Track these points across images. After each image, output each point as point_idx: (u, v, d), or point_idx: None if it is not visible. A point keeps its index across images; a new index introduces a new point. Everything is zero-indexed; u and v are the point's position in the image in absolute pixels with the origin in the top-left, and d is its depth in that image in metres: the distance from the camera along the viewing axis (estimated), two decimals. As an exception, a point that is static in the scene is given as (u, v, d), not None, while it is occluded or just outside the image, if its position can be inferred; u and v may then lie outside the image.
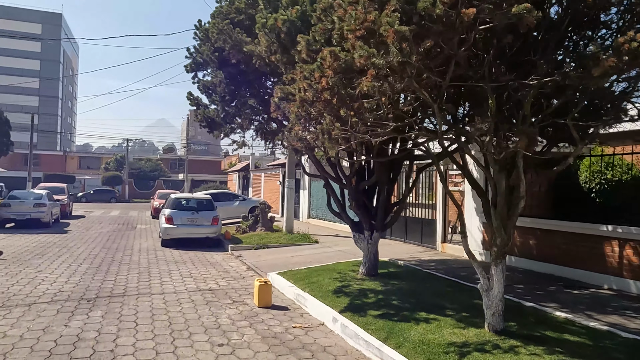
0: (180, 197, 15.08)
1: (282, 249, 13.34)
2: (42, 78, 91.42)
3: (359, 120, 4.06)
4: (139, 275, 9.51)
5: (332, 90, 4.07)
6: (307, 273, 8.96)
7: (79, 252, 12.48)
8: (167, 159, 64.81)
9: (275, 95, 5.36)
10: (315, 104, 4.28)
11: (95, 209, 34.18)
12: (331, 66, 3.85)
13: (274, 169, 26.76)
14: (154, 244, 14.53)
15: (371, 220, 8.11)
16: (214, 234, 14.31)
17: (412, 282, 7.93)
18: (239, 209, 20.95)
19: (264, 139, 10.37)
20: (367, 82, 3.49)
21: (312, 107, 4.34)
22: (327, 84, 3.99)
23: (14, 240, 14.49)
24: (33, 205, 18.71)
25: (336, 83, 4.02)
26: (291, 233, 15.62)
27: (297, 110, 4.55)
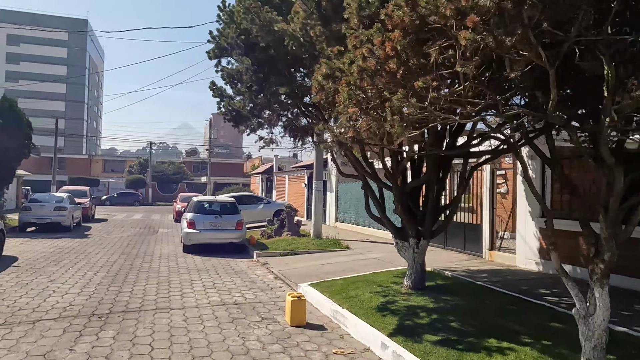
0: (202, 201, 14.30)
1: (311, 255, 12.39)
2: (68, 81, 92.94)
3: (440, 96, 3.10)
4: (157, 286, 8.68)
5: (399, 57, 3.12)
6: (344, 285, 7.97)
7: (97, 258, 11.77)
8: (189, 161, 64.78)
9: (318, 73, 4.42)
10: (377, 77, 3.33)
11: (118, 212, 33.95)
12: (400, 24, 2.91)
13: (299, 170, 25.87)
14: (176, 250, 13.77)
15: (417, 226, 7.08)
16: (239, 239, 13.46)
17: (467, 298, 6.85)
18: (263, 212, 20.12)
19: (292, 136, 9.46)
20: (464, 35, 2.52)
21: (374, 80, 3.37)
22: (394, 50, 3.05)
23: (32, 245, 13.94)
24: (54, 209, 18.26)
25: (405, 48, 3.08)
26: (319, 238, 14.66)
27: (351, 88, 3.58)
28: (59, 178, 48.28)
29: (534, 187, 4.51)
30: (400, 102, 3.15)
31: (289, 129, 9.19)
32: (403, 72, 3.20)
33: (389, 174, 6.43)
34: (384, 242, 14.50)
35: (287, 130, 9.20)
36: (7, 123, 18.59)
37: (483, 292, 7.25)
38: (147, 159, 55.48)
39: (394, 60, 3.17)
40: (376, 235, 15.79)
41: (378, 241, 14.71)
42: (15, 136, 18.80)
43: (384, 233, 15.40)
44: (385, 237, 15.30)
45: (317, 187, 15.20)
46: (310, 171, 23.80)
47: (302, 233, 15.67)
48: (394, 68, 3.20)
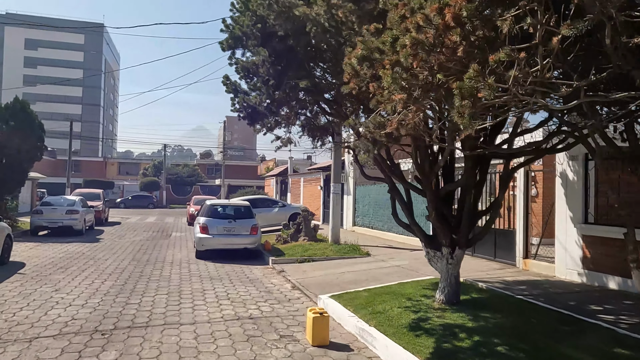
0: (216, 204, 13.74)
1: (330, 262, 11.72)
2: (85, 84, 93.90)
3: (525, 75, 2.43)
4: (167, 297, 8.09)
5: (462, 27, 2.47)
6: (369, 298, 7.29)
7: (106, 265, 11.26)
8: (204, 164, 64.63)
9: (351, 56, 3.74)
10: (434, 54, 2.67)
11: (132, 214, 33.70)
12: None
13: (314, 172, 25.23)
14: (188, 255, 13.22)
15: (452, 233, 6.37)
16: (253, 244, 12.85)
17: (510, 315, 6.12)
18: (279, 216, 19.51)
19: (311, 136, 8.81)
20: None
21: (430, 57, 2.72)
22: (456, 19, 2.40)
23: (42, 250, 13.52)
24: (65, 212, 17.90)
25: (471, 15, 2.42)
26: (338, 243, 13.99)
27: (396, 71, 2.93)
28: (75, 181, 48.46)
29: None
30: (474, 83, 2.48)
31: (307, 128, 8.54)
32: (465, 47, 2.55)
33: (422, 176, 5.74)
34: (405, 247, 13.77)
35: (306, 129, 8.55)
36: (20, 125, 18.32)
37: (526, 308, 6.50)
38: (162, 161, 55.43)
39: (457, 31, 2.52)
40: (397, 241, 15.06)
41: (399, 247, 13.98)
42: (27, 138, 18.52)
43: (406, 238, 14.67)
44: (407, 242, 14.56)
45: (335, 189, 14.53)
46: (327, 173, 23.15)
47: (319, 238, 15.02)
48: (457, 41, 2.54)
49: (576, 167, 8.42)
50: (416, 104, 3.10)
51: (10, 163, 18.28)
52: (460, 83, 2.58)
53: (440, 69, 2.81)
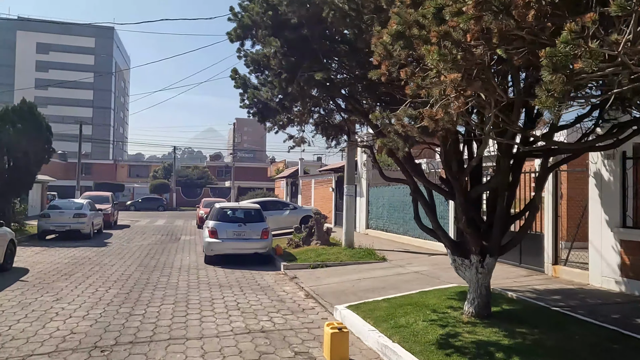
0: (225, 207, 13.26)
1: (344, 268, 11.17)
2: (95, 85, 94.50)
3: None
4: (174, 307, 7.61)
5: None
6: (389, 309, 6.73)
7: (112, 271, 10.84)
8: (214, 166, 64.45)
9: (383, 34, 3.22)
10: (504, 17, 2.13)
11: (142, 217, 33.46)
12: None
13: (326, 174, 24.70)
14: (197, 260, 12.76)
15: (482, 239, 5.80)
16: (264, 249, 12.36)
17: (549, 331, 5.52)
18: (290, 218, 19.01)
19: (325, 135, 8.29)
20: None
21: (494, 24, 2.18)
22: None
23: (47, 256, 13.15)
24: (73, 216, 17.58)
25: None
26: (352, 248, 13.44)
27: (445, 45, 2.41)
28: (86, 183, 48.49)
29: None
30: (570, 49, 1.91)
31: (321, 127, 8.02)
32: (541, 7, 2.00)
33: (452, 177, 5.19)
34: (423, 252, 13.17)
35: (319, 128, 8.03)
36: (28, 127, 18.04)
37: (566, 322, 5.90)
38: (172, 163, 55.31)
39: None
40: (414, 245, 14.47)
41: (416, 251, 13.39)
42: (35, 141, 18.24)
43: (423, 242, 14.08)
44: (424, 246, 13.97)
45: (348, 191, 13.99)
46: (339, 174, 22.62)
47: (333, 242, 14.48)
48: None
49: (612, 167, 7.80)
50: (472, 86, 2.57)
51: (18, 166, 18.01)
52: (551, 50, 2.03)
53: (501, 41, 2.27)
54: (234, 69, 6.22)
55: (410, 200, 15.20)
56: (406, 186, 15.57)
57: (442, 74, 2.58)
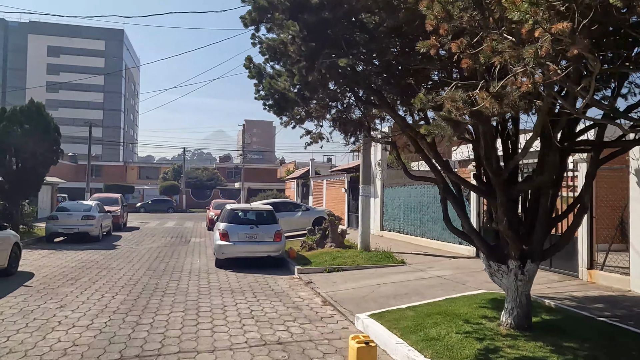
0: (236, 209, 12.79)
1: (362, 272, 10.64)
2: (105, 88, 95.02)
3: None
4: (184, 315, 7.13)
5: None
6: (416, 318, 6.19)
7: (120, 275, 10.40)
8: (223, 167, 64.24)
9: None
10: None
11: (151, 219, 33.18)
12: None
13: (338, 174, 24.16)
14: (207, 264, 12.30)
15: (522, 243, 5.23)
16: (277, 252, 11.85)
17: (602, 346, 4.94)
18: (302, 220, 18.51)
19: (343, 131, 7.76)
20: None
21: None
22: None
23: (54, 259, 12.77)
24: (81, 218, 17.24)
25: None
26: (368, 250, 12.89)
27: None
28: (96, 185, 48.46)
29: None
30: None
31: (339, 122, 7.50)
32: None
33: (493, 173, 4.63)
34: (443, 255, 12.59)
35: (337, 124, 7.51)
36: (35, 128, 17.75)
37: (617, 334, 5.31)
38: (181, 165, 55.15)
39: None
40: (432, 247, 13.88)
41: (436, 254, 12.80)
42: (43, 142, 17.94)
43: (442, 244, 13.50)
44: (444, 249, 13.38)
45: (364, 192, 13.44)
46: (351, 175, 22.08)
47: (347, 244, 13.95)
48: None
49: (656, 163, 7.18)
50: (578, 44, 2.04)
51: (25, 167, 17.72)
52: None
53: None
54: (248, 57, 5.70)
55: (428, 201, 14.71)
56: (424, 186, 15.03)
57: (540, 25, 2.04)
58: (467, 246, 12.32)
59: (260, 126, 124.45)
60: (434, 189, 14.28)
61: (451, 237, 13.14)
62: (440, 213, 13.66)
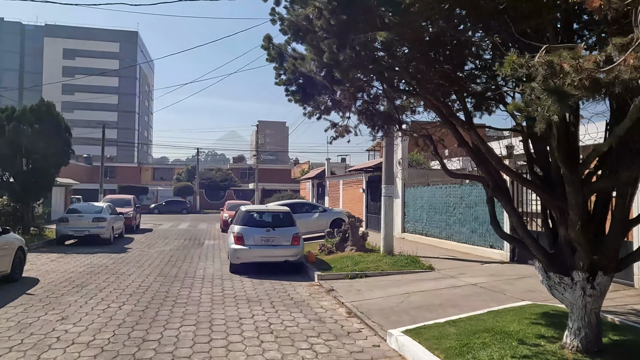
0: (252, 210, 12.07)
1: (387, 279, 9.85)
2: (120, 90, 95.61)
3: None
4: (195, 328, 6.42)
5: None
6: (460, 337, 5.38)
7: (129, 282, 9.77)
8: (237, 168, 63.85)
9: None
10: None
11: (165, 220, 32.75)
12: None
13: (355, 174, 23.35)
14: (221, 269, 11.62)
15: (594, 251, 4.40)
16: (295, 256, 11.12)
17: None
18: (319, 221, 17.76)
19: (370, 124, 6.99)
20: None
21: None
22: None
23: (62, 263, 12.21)
24: (92, 220, 16.72)
25: None
26: (391, 254, 12.09)
27: None
28: (110, 187, 48.37)
29: None
30: None
31: (365, 114, 6.73)
32: None
33: (567, 169, 3.82)
34: (472, 259, 11.71)
35: (364, 116, 6.74)
36: (45, 128, 17.28)
37: None
38: (195, 166, 54.84)
39: None
40: (459, 250, 13.01)
41: (464, 258, 11.94)
42: (53, 142, 17.49)
43: (470, 248, 12.63)
44: (472, 252, 12.50)
45: (387, 192, 12.64)
46: (369, 175, 21.26)
47: (369, 247, 13.16)
48: None
49: None
50: None
51: (36, 168, 17.28)
52: None
53: None
54: (267, 36, 4.94)
55: (454, 202, 13.83)
56: (450, 185, 14.16)
57: None
58: (500, 250, 11.45)
59: (274, 127, 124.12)
60: (460, 188, 13.42)
61: (481, 240, 12.27)
62: (468, 215, 12.87)
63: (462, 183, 13.24)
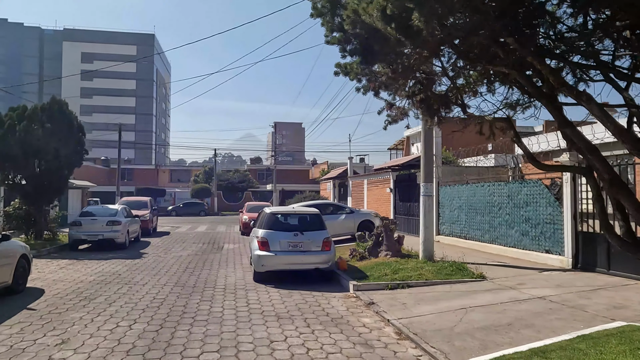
0: (277, 212, 10.91)
1: (433, 289, 8.61)
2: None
3: None
4: (219, 357, 5.30)
5: None
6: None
7: (142, 293, 8.72)
8: (254, 169, 63.03)
9: None
10: None
11: (182, 223, 31.94)
12: None
13: (382, 173, 22.07)
14: (244, 277, 10.53)
15: None
16: (326, 263, 9.96)
17: None
18: (346, 224, 16.58)
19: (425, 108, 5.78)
20: None
21: None
22: None
23: (72, 271, 11.26)
24: (106, 224, 15.81)
25: None
26: (432, 260, 10.83)
27: None
28: (128, 189, 47.94)
29: None
30: None
31: (419, 99, 5.54)
32: None
33: None
34: (527, 266, 10.36)
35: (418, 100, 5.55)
36: (57, 127, 16.48)
37: None
38: (212, 167, 54.15)
39: None
40: (508, 256, 11.66)
41: (517, 265, 10.59)
42: (66, 142, 16.66)
43: (522, 253, 11.29)
44: (525, 258, 11.14)
45: (426, 191, 11.38)
46: (397, 173, 19.99)
47: (405, 252, 11.92)
48: None
49: None
50: None
51: (49, 169, 16.46)
52: None
53: None
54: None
55: (500, 201, 12.40)
56: (493, 183, 12.84)
57: None
58: (559, 255, 10.10)
59: (290, 128, 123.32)
60: (507, 187, 12.08)
61: (534, 244, 10.93)
62: (516, 215, 11.47)
63: (509, 181, 11.90)
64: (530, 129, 29.98)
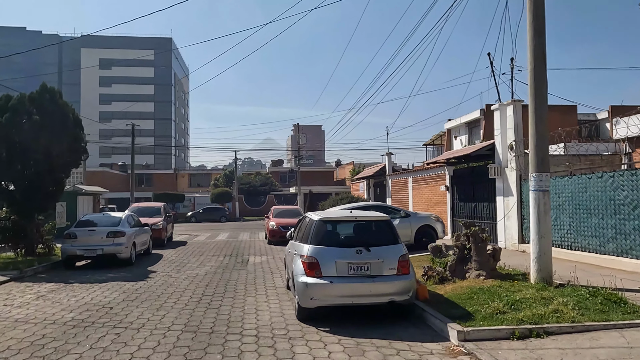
0: (329, 220, 7.58)
1: (594, 340, 5.30)
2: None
3: None
4: None
5: None
6: None
7: (132, 348, 5.62)
8: (276, 172, 60.18)
9: None
10: None
11: (202, 230, 29.10)
12: None
13: (433, 169, 18.67)
14: (282, 312, 7.38)
15: None
16: (406, 294, 6.70)
17: None
18: (401, 230, 13.19)
19: None
20: None
21: None
22: None
23: (50, 303, 8.28)
24: (106, 235, 12.88)
25: None
26: (550, 285, 7.49)
27: None
28: (146, 195, 45.59)
29: None
30: None
31: None
32: None
33: None
34: None
35: None
36: (48, 121, 13.62)
37: None
38: (233, 171, 51.46)
39: None
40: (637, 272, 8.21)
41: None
42: (59, 138, 13.80)
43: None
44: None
45: (538, 185, 7.99)
46: (454, 168, 16.60)
47: (502, 271, 8.60)
48: None
49: None
50: None
51: (39, 171, 13.64)
52: None
53: None
54: None
55: (631, 197, 8.62)
56: (617, 173, 9.22)
57: None
58: None
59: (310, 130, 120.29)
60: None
61: None
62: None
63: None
64: (592, 116, 26.38)
